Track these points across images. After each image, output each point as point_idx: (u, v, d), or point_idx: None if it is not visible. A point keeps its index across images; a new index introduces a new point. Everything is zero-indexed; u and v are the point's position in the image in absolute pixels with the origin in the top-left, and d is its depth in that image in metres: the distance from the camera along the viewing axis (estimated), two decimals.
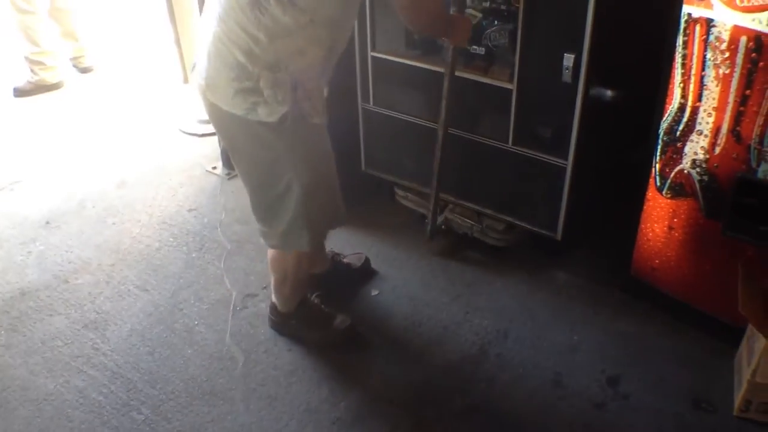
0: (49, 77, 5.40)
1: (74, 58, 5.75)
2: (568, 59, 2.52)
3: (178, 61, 4.13)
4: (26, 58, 5.33)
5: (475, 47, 2.83)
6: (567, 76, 2.55)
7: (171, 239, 3.51)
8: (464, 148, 3.02)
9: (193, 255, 3.38)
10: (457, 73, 2.79)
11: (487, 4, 2.78)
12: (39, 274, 3.29)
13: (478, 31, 2.77)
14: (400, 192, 3.46)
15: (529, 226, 3.04)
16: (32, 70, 5.35)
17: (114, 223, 3.67)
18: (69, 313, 3.03)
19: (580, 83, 2.55)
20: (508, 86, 2.76)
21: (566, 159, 2.74)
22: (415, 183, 3.33)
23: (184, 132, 4.65)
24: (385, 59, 3.10)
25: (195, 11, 3.67)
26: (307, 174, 2.30)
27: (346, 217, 2.58)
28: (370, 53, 3.12)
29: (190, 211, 3.76)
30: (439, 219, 3.26)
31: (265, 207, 2.45)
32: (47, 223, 3.70)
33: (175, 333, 2.90)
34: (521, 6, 2.58)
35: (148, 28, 6.30)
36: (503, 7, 2.69)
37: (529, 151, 2.84)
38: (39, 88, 5.39)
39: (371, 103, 3.27)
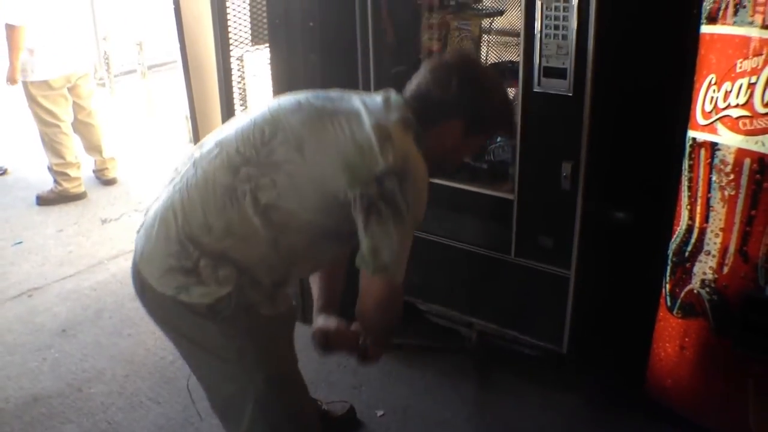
0: (72, 188, 5.54)
1: (98, 171, 5.90)
2: (566, 167, 2.57)
3: None
4: (50, 168, 5.48)
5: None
6: (566, 183, 2.59)
7: None
8: (466, 260, 3.03)
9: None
10: (461, 186, 2.86)
11: None
12: (53, 382, 3.30)
13: (482, 148, 2.85)
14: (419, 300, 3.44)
15: (533, 340, 3.01)
16: (56, 181, 5.50)
17: (130, 335, 3.69)
18: (81, 421, 3.03)
19: (579, 191, 2.59)
20: (509, 197, 2.80)
21: (569, 269, 2.75)
22: (421, 298, 3.29)
23: None
24: None
25: (218, 122, 3.78)
26: (263, 376, 1.97)
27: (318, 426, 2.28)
28: None
29: None
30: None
31: (218, 409, 2.12)
32: (63, 331, 3.73)
33: None
34: (519, 117, 2.65)
35: (172, 139, 6.48)
36: None
37: (532, 262, 2.85)
38: (62, 198, 5.52)
39: None
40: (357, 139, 1.83)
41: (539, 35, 2.49)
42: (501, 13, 3.14)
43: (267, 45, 3.71)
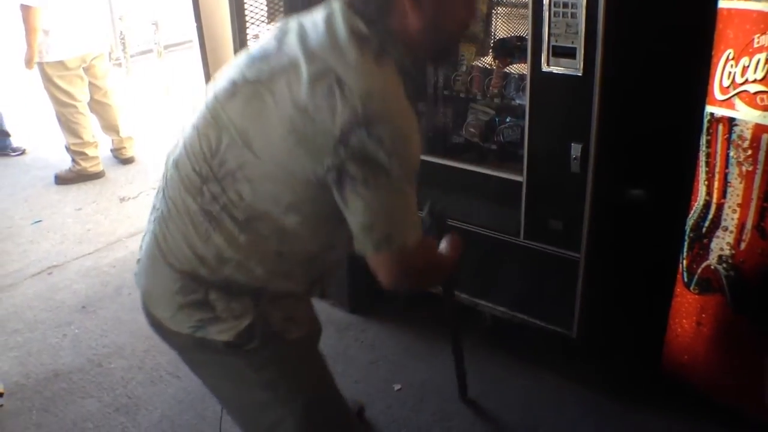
0: (90, 167, 5.58)
1: (116, 150, 5.94)
2: (576, 149, 2.54)
3: None
4: (68, 148, 5.52)
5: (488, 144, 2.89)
6: (575, 166, 2.57)
7: None
8: (475, 243, 2.99)
9: None
10: (469, 168, 2.85)
11: (499, 101, 2.86)
12: (73, 357, 3.35)
13: (491, 128, 2.84)
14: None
15: (543, 324, 2.99)
16: (74, 160, 5.54)
17: None
18: (101, 396, 3.07)
19: (589, 173, 2.57)
20: (518, 179, 2.78)
21: (579, 251, 2.73)
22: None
23: None
24: None
25: None
26: (301, 403, 1.77)
27: None
28: None
29: None
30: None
31: None
32: (83, 307, 3.78)
33: (205, 420, 2.92)
34: (528, 98, 2.63)
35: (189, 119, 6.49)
36: (515, 102, 2.75)
37: (541, 245, 2.83)
38: (80, 177, 5.57)
39: None
40: (299, 103, 1.46)
41: (548, 14, 2.46)
42: None
43: None
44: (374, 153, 1.43)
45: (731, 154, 2.30)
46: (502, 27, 3.08)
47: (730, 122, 2.27)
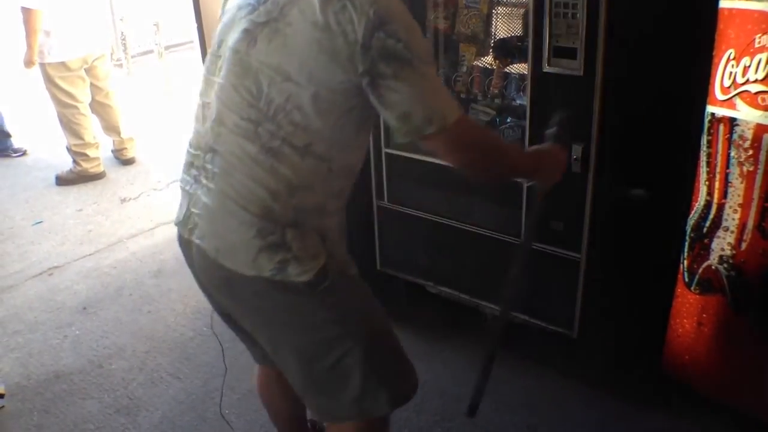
0: (91, 168, 5.59)
1: (117, 150, 5.95)
2: (576, 150, 2.53)
3: None
4: (69, 149, 5.53)
5: None
6: (576, 166, 2.56)
7: (205, 328, 3.54)
8: (476, 243, 3.02)
9: (226, 345, 3.40)
10: None
11: (500, 102, 2.86)
12: (74, 358, 3.35)
13: (492, 129, 2.83)
14: (430, 283, 3.47)
15: (544, 324, 2.99)
16: (75, 161, 5.55)
17: (149, 311, 3.74)
18: (102, 397, 3.07)
19: (590, 174, 2.57)
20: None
21: (579, 252, 2.73)
22: (431, 281, 3.30)
23: None
24: (399, 155, 3.10)
25: None
26: (366, 333, 1.90)
27: (417, 382, 2.13)
28: (384, 150, 3.12)
29: None
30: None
31: (319, 382, 1.94)
32: (84, 308, 3.78)
33: (206, 422, 2.92)
34: (528, 99, 2.63)
35: (189, 119, 6.50)
36: (516, 103, 2.74)
37: (542, 245, 2.81)
38: (81, 178, 5.58)
39: (386, 200, 3.25)
40: (318, 24, 1.58)
41: (548, 14, 2.45)
42: None
43: None
44: (394, 48, 1.57)
45: (732, 154, 2.29)
46: (502, 27, 3.07)
47: (731, 122, 2.27)
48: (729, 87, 2.25)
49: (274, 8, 1.65)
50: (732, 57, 2.23)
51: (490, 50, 3.00)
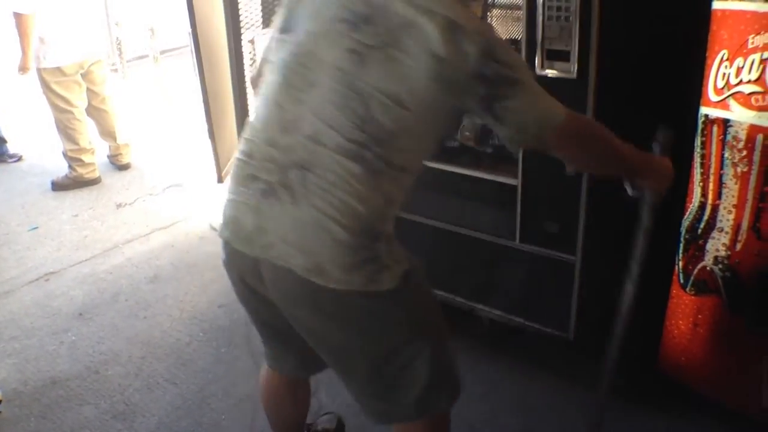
0: (86, 173, 5.58)
1: (112, 156, 5.94)
2: None
3: (213, 157, 4.23)
4: (65, 154, 5.53)
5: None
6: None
7: (201, 334, 3.55)
8: (471, 246, 3.01)
9: (222, 350, 3.42)
10: (464, 172, 2.85)
11: None
12: (70, 364, 3.34)
13: (486, 132, 2.83)
14: None
15: (540, 327, 2.97)
16: (71, 166, 5.55)
17: (146, 317, 3.73)
18: (98, 403, 3.07)
19: (584, 176, 2.57)
20: (513, 182, 2.76)
21: (574, 254, 2.73)
22: (434, 289, 3.25)
23: (216, 229, 4.71)
24: None
25: (230, 106, 3.80)
26: (433, 331, 1.96)
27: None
28: None
29: (220, 307, 3.80)
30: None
31: (387, 385, 1.95)
32: (80, 314, 3.78)
33: (202, 427, 2.92)
34: None
35: (185, 124, 6.53)
36: None
37: (537, 248, 2.82)
38: (76, 184, 5.57)
39: None
40: (434, 53, 1.64)
41: (541, 17, 2.45)
42: None
43: None
44: (505, 73, 1.67)
45: (726, 155, 2.30)
46: (496, 29, 3.07)
47: (725, 123, 2.27)
48: (722, 88, 2.26)
49: (383, 32, 1.68)
50: (725, 58, 2.23)
51: None
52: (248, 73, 3.79)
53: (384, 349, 1.89)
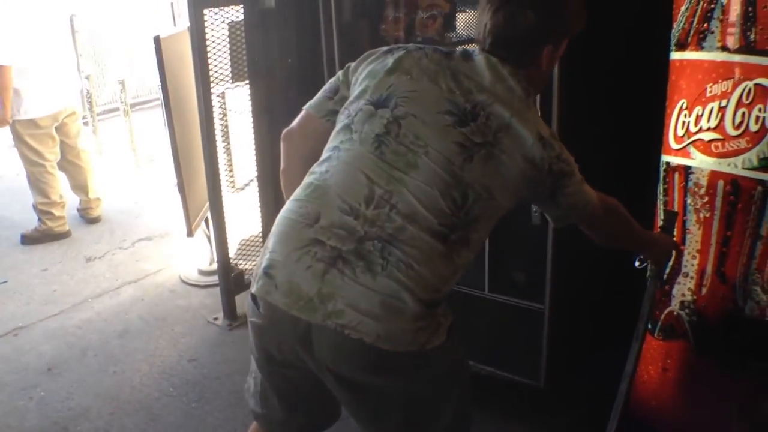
0: (56, 227, 5.54)
1: (83, 209, 5.90)
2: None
3: (183, 210, 4.23)
4: (35, 207, 5.48)
5: None
6: (536, 219, 2.62)
7: (171, 389, 3.51)
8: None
9: (193, 405, 3.38)
10: None
11: None
12: (39, 420, 3.29)
13: None
14: None
15: (511, 375, 2.99)
16: (40, 219, 5.50)
17: (115, 372, 3.68)
18: None
19: (550, 226, 2.57)
20: None
21: (543, 303, 2.76)
22: None
23: (187, 282, 4.72)
24: None
25: (200, 160, 3.80)
26: (466, 375, 2.07)
27: None
28: None
29: (190, 361, 3.77)
30: None
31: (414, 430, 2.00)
32: (49, 369, 3.72)
33: None
34: None
35: (156, 177, 6.52)
36: None
37: (506, 297, 2.85)
38: (46, 237, 5.51)
39: None
40: (527, 157, 1.82)
41: None
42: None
43: (247, 82, 3.75)
44: (566, 169, 1.88)
45: (688, 201, 2.35)
46: None
47: (686, 170, 2.33)
48: (683, 136, 2.31)
49: (488, 132, 1.81)
50: (684, 107, 2.30)
51: None
52: (218, 126, 3.81)
53: (423, 404, 1.94)
